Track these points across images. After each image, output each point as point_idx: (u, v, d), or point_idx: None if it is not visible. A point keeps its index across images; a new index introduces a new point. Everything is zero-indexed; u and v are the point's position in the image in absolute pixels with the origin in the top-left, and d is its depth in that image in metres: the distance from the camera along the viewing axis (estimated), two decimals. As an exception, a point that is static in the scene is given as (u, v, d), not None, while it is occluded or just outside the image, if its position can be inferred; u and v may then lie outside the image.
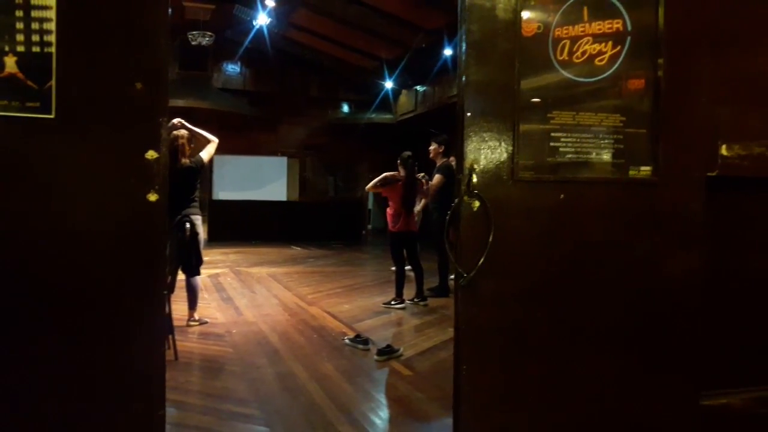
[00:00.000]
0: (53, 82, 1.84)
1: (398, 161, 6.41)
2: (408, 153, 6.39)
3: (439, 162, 6.77)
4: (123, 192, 1.92)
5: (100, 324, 1.90)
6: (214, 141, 5.17)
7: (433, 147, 6.81)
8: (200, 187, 5.22)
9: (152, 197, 1.93)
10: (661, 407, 2.36)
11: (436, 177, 6.58)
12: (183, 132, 4.97)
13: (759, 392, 2.52)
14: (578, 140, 2.26)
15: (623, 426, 2.33)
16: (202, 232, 5.29)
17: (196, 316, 5.20)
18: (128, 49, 1.91)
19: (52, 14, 1.83)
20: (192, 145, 5.10)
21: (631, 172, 2.32)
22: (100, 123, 1.89)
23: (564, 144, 2.25)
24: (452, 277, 1.99)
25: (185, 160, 4.95)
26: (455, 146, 2.22)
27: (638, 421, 2.34)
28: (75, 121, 1.86)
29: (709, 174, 2.38)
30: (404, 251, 6.33)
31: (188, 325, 5.09)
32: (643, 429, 2.35)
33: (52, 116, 1.84)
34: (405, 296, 6.21)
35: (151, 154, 1.93)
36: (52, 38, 1.83)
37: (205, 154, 5.13)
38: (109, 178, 1.91)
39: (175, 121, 4.90)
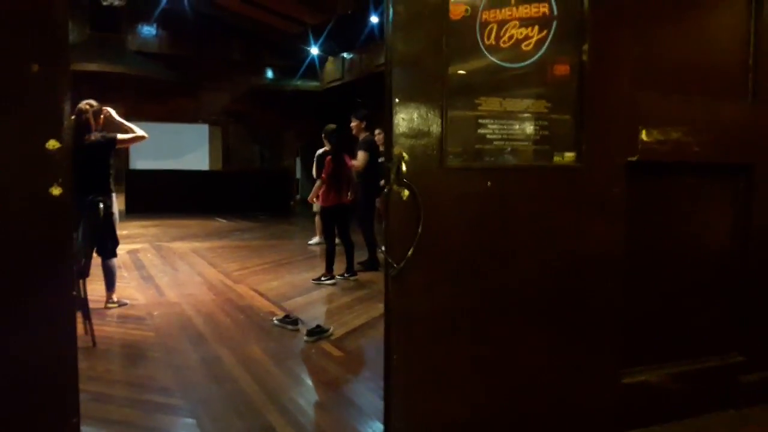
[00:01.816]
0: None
1: (323, 135, 6.30)
2: (332, 126, 6.27)
3: (362, 137, 6.67)
4: (22, 185, 1.75)
5: None
6: (143, 135, 4.97)
7: (354, 123, 6.68)
8: (114, 162, 4.92)
9: (56, 191, 1.78)
10: (585, 385, 2.46)
11: (360, 154, 6.44)
12: (86, 106, 4.68)
13: (674, 368, 2.66)
14: (505, 126, 2.25)
15: (549, 403, 2.41)
16: (117, 210, 5.02)
17: (115, 297, 4.97)
18: (21, 24, 1.71)
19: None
20: (102, 117, 4.80)
21: (556, 159, 2.35)
22: (-9, 109, 1.70)
23: (491, 131, 2.23)
24: (383, 248, 1.97)
25: (93, 135, 4.66)
26: (383, 123, 2.15)
27: (563, 398, 2.42)
28: (-40, 108, 1.67)
29: (629, 159, 2.45)
30: (335, 226, 6.26)
31: (107, 308, 4.86)
32: (568, 405, 2.44)
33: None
34: (335, 271, 6.17)
35: (52, 144, 1.76)
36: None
37: (125, 135, 4.90)
38: (5, 170, 1.73)
39: (104, 111, 4.77)
